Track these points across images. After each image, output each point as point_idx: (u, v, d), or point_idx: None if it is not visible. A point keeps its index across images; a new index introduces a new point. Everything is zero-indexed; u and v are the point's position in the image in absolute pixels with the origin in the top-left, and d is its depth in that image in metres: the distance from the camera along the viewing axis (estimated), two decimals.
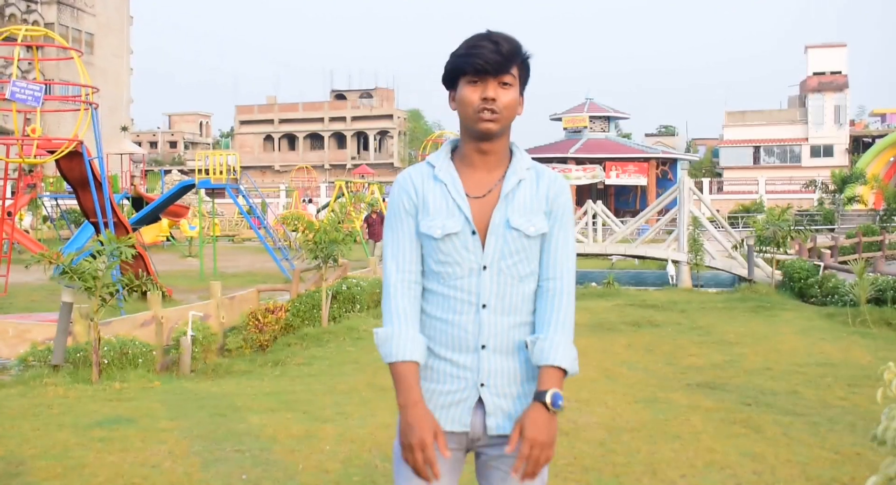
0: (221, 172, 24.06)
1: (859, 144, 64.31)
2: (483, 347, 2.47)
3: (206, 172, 24.09)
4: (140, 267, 16.78)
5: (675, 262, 20.59)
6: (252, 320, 11.87)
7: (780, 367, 9.61)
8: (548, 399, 2.36)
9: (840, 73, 63.72)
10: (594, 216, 28.54)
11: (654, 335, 12.12)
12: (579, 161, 52.57)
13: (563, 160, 52.32)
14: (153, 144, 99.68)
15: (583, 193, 50.33)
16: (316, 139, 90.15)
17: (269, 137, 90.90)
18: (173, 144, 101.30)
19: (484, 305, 2.47)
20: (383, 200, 32.56)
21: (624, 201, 55.72)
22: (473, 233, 2.47)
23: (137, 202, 31.78)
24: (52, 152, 16.09)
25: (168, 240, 35.06)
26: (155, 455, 5.81)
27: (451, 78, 2.52)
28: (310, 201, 47.19)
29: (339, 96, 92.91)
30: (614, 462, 5.64)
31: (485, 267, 2.47)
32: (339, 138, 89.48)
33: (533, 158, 2.63)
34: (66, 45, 17.31)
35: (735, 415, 7.05)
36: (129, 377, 8.74)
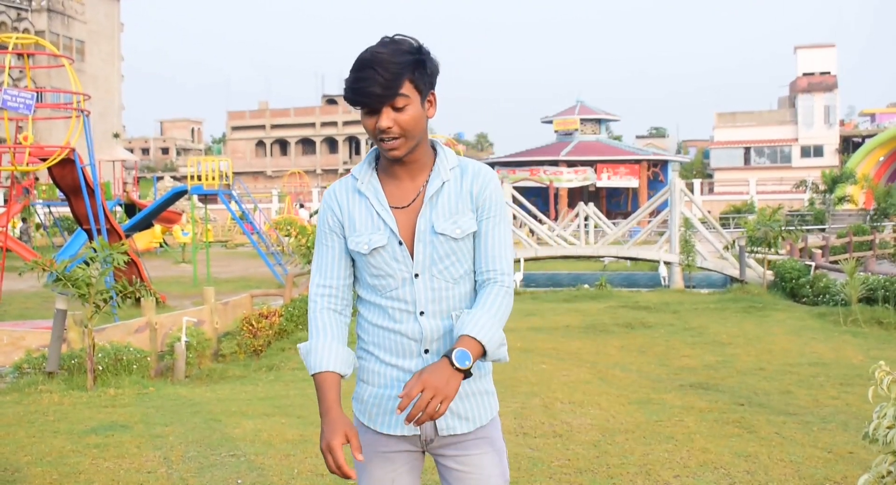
0: (214, 178, 24.09)
1: (849, 144, 64.53)
2: (426, 351, 2.48)
3: (199, 178, 24.11)
4: (133, 273, 16.77)
5: (666, 263, 20.65)
6: (246, 326, 11.86)
7: (772, 367, 9.66)
8: (453, 356, 2.28)
9: (829, 73, 63.92)
10: (586, 218, 28.61)
11: (647, 337, 12.16)
12: (570, 164, 52.63)
13: (555, 163, 52.39)
14: (145, 151, 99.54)
15: (574, 196, 50.42)
16: (308, 144, 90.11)
17: (260, 143, 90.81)
18: (165, 151, 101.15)
19: (422, 312, 2.47)
20: None
21: (615, 203, 55.82)
22: (400, 243, 2.46)
23: (130, 209, 31.76)
24: (44, 160, 16.08)
25: (161, 246, 34.99)
26: (150, 461, 5.82)
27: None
28: (301, 206, 47.17)
29: (331, 101, 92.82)
30: (608, 464, 5.67)
31: (416, 275, 2.46)
32: (331, 143, 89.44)
33: (524, 162, 2.63)
34: (57, 52, 17.31)
35: (728, 415, 7.08)
36: (124, 383, 8.74)
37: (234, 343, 11.86)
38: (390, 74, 2.32)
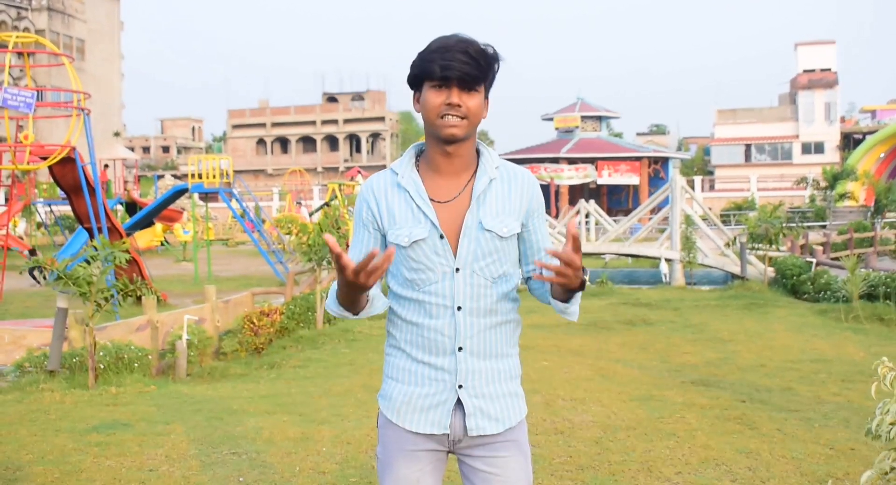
0: (214, 177, 24.07)
1: (850, 141, 64.46)
2: (460, 349, 2.48)
3: (200, 176, 24.09)
4: (134, 272, 16.77)
5: (667, 260, 20.65)
6: (247, 324, 11.87)
7: (773, 363, 9.66)
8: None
9: (830, 70, 63.85)
10: (587, 216, 28.57)
11: (648, 333, 12.16)
12: (571, 161, 52.64)
13: (555, 160, 52.38)
14: (146, 150, 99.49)
15: (575, 193, 50.42)
16: (308, 142, 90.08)
17: (261, 141, 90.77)
18: (166, 149, 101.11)
19: (459, 308, 2.47)
20: None
21: (616, 200, 55.83)
22: (441, 237, 2.46)
23: (131, 207, 31.75)
24: (44, 159, 16.09)
25: (162, 245, 35.00)
26: (152, 459, 5.82)
27: (418, 80, 2.48)
28: (299, 204, 47.01)
29: (331, 99, 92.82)
30: (610, 460, 5.67)
31: (457, 269, 2.47)
32: (332, 141, 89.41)
33: (525, 159, 2.65)
34: (58, 51, 17.31)
35: (730, 412, 7.08)
36: (125, 382, 8.74)
37: (235, 341, 11.87)
38: (485, 62, 2.42)
